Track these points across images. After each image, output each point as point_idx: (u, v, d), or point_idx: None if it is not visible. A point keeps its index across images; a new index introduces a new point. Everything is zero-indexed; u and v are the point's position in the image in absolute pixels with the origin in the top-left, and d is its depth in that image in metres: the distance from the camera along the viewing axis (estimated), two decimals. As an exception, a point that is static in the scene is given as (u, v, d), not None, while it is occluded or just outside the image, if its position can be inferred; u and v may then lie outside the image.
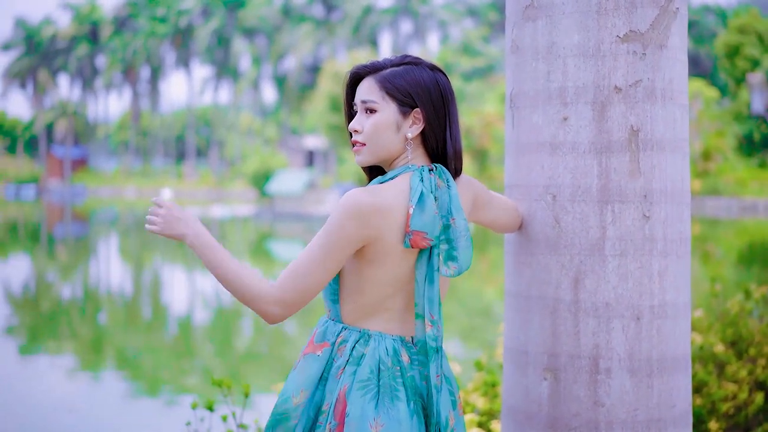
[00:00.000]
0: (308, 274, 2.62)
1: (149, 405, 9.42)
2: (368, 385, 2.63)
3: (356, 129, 2.75)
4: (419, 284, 2.68)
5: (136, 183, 77.76)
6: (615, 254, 3.04)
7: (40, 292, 18.64)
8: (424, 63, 2.77)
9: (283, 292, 2.63)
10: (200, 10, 77.92)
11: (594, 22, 3.03)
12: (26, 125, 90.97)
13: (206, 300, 17.73)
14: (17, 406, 8.97)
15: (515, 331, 3.26)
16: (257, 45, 77.55)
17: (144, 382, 10.49)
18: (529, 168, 3.18)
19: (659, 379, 3.07)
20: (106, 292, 18.76)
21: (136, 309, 16.58)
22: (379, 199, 2.62)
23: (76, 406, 9.04)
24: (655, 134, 3.05)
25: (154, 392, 9.98)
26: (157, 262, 25.43)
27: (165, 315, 15.90)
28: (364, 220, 2.60)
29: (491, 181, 45.18)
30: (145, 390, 10.09)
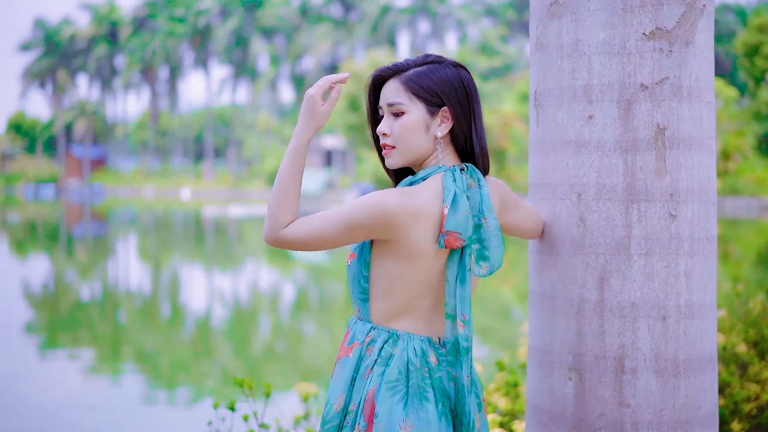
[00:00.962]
0: (320, 238, 2.66)
1: (167, 404, 9.42)
2: (397, 385, 2.62)
3: (385, 132, 2.74)
4: (450, 284, 2.67)
5: (155, 183, 77.94)
6: (641, 253, 3.01)
7: (59, 292, 18.69)
8: (447, 61, 2.76)
9: (303, 236, 2.68)
10: (219, 10, 78.01)
11: (620, 20, 3.00)
12: (45, 125, 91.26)
13: (224, 299, 17.74)
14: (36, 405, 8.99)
15: (540, 331, 3.23)
16: (275, 45, 77.60)
17: (162, 381, 10.49)
18: (553, 167, 3.16)
19: (685, 379, 3.04)
20: (124, 291, 18.79)
21: (155, 308, 16.59)
22: (411, 202, 2.61)
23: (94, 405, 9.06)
24: (682, 132, 3.02)
25: (173, 391, 9.98)
26: (175, 261, 25.46)
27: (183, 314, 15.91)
28: (387, 223, 2.60)
29: (509, 180, 45.10)
30: (163, 389, 10.10)
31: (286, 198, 2.69)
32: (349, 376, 2.71)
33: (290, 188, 2.70)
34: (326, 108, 2.76)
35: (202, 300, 17.71)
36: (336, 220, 2.64)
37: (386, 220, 2.58)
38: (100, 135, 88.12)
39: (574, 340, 3.09)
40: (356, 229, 2.62)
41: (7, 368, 10.75)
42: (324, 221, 2.66)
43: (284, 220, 2.68)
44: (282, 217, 2.68)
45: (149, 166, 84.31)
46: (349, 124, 55.27)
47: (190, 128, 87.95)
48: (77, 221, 44.28)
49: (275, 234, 2.68)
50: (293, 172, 2.72)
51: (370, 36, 72.96)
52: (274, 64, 77.65)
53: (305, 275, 22.39)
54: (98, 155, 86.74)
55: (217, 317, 15.65)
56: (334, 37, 73.93)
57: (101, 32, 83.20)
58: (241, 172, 77.28)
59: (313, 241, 2.67)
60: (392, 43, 74.36)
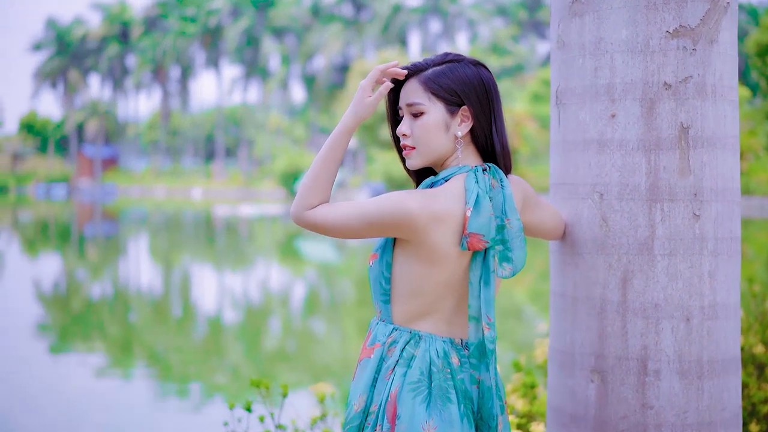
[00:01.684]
0: (339, 218, 2.65)
1: (179, 404, 9.41)
2: (419, 386, 2.60)
3: (405, 133, 2.73)
4: (474, 286, 2.65)
5: (166, 182, 78.05)
6: (664, 254, 2.98)
7: (70, 291, 18.71)
8: (467, 59, 2.74)
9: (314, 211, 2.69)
10: (230, 10, 78.09)
11: (643, 17, 2.97)
12: (57, 125, 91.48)
13: (235, 299, 17.73)
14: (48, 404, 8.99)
15: (561, 332, 3.20)
16: (286, 44, 77.62)
17: (174, 382, 10.48)
18: (575, 166, 3.12)
19: (709, 381, 3.01)
20: (136, 291, 18.81)
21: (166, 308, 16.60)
22: (432, 204, 2.59)
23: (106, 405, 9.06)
24: (706, 131, 2.99)
25: (184, 392, 9.97)
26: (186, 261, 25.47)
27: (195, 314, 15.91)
28: (406, 224, 2.58)
29: (521, 180, 44.91)
30: (175, 389, 10.09)
31: (317, 180, 2.70)
32: (370, 378, 2.69)
33: (323, 171, 2.70)
34: (371, 100, 2.75)
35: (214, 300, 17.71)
36: (358, 214, 2.63)
37: (405, 222, 2.57)
38: (111, 135, 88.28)
39: (596, 342, 3.06)
40: (375, 226, 2.62)
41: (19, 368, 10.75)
42: (348, 212, 2.65)
43: (311, 202, 2.69)
44: (310, 198, 2.69)
45: (160, 165, 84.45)
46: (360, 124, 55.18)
47: (201, 128, 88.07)
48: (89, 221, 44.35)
49: (300, 213, 2.70)
50: (329, 156, 2.72)
51: (381, 36, 72.93)
52: (285, 63, 77.68)
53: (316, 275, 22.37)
54: (110, 155, 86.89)
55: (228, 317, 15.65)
56: (345, 36, 73.93)
57: (113, 32, 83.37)
58: (252, 171, 77.33)
59: (335, 229, 2.67)
60: (403, 43, 74.31)
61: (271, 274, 22.84)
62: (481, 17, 75.92)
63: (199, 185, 74.42)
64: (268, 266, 24.49)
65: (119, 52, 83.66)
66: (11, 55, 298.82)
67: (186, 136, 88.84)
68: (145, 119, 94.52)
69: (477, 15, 75.76)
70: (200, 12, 79.12)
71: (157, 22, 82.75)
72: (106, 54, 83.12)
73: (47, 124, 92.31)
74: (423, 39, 76.30)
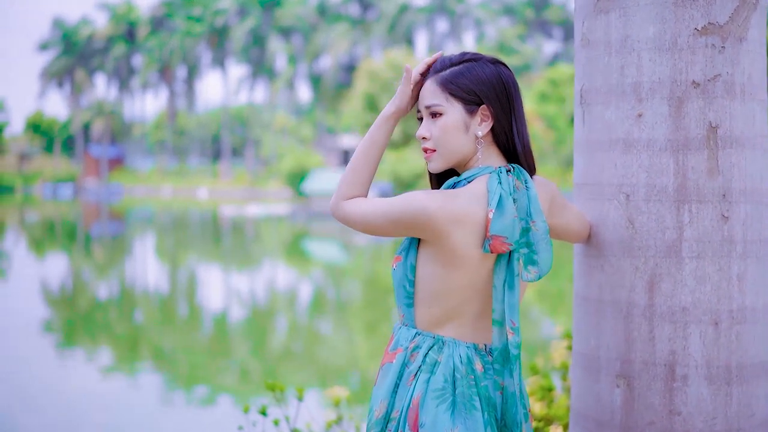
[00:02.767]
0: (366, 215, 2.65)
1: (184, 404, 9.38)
2: (443, 394, 2.54)
3: (424, 135, 2.67)
4: (498, 290, 2.58)
5: (172, 182, 78.08)
6: (692, 256, 2.91)
7: (77, 290, 18.70)
8: (485, 58, 2.67)
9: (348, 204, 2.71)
10: (236, 10, 78.08)
11: (671, 14, 2.90)
12: (63, 125, 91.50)
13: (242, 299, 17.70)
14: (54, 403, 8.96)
15: (586, 336, 3.13)
16: (293, 44, 77.60)
17: (180, 382, 10.45)
18: (601, 166, 3.05)
19: (738, 387, 2.94)
20: (142, 290, 18.78)
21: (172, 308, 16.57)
22: (452, 206, 2.53)
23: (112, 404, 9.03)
24: (734, 131, 2.92)
25: (190, 392, 9.94)
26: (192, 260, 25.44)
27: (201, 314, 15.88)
28: (425, 225, 2.52)
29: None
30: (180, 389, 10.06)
31: (354, 172, 2.71)
32: (392, 383, 2.63)
33: (359, 162, 2.72)
34: (405, 89, 2.73)
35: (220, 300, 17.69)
36: (383, 212, 2.60)
37: (423, 222, 2.51)
38: (117, 134, 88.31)
39: (622, 346, 2.99)
40: (397, 224, 2.57)
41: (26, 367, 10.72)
42: (374, 209, 2.63)
43: (347, 193, 2.71)
44: (345, 189, 2.71)
45: (166, 165, 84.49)
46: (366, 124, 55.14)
47: (208, 128, 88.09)
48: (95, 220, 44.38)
49: (335, 204, 2.72)
50: (367, 146, 2.73)
51: (388, 35, 72.89)
52: (291, 63, 77.66)
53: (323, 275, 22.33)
54: (116, 155, 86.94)
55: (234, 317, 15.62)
56: (352, 36, 73.91)
57: (119, 32, 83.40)
58: (258, 171, 77.34)
59: (361, 224, 2.67)
60: (410, 43, 74.27)
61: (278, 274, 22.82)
62: (487, 17, 75.84)
63: (205, 185, 74.43)
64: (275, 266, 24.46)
65: (125, 51, 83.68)
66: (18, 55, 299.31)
67: (192, 135, 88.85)
68: (152, 119, 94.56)
69: (484, 14, 75.68)
70: (207, 12, 79.13)
71: (164, 22, 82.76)
72: (113, 54, 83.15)
73: (53, 124, 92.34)
74: (430, 38, 76.27)
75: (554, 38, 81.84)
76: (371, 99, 53.87)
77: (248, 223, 40.55)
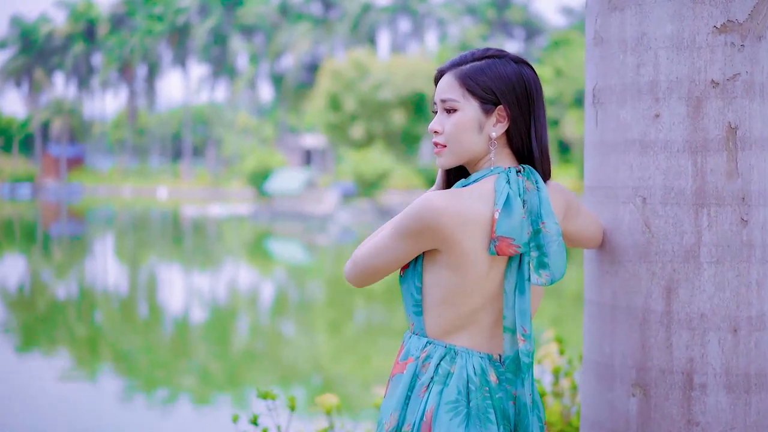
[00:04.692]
0: (378, 257, 2.55)
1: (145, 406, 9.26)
2: (457, 406, 2.43)
3: (436, 130, 2.56)
4: (508, 295, 2.48)
5: (133, 182, 77.47)
6: (711, 261, 2.82)
7: (35, 292, 18.44)
8: (509, 56, 2.56)
9: (357, 260, 2.60)
10: (197, 8, 77.64)
11: (689, 11, 2.81)
12: (22, 124, 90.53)
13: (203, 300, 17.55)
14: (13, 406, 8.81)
15: (599, 343, 3.03)
16: (255, 43, 77.31)
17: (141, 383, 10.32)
18: (615, 168, 2.95)
19: (757, 395, 2.86)
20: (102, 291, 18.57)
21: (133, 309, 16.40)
22: (457, 203, 2.42)
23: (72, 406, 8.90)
24: (754, 132, 2.83)
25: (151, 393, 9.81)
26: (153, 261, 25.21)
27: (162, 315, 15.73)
28: (433, 226, 2.41)
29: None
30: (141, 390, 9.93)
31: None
32: (402, 395, 2.51)
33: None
34: None
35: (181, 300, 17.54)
36: (389, 230, 2.50)
37: (433, 222, 2.40)
38: (77, 134, 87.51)
39: (638, 354, 2.89)
40: (408, 235, 2.45)
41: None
42: (382, 233, 2.55)
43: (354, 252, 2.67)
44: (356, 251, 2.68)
45: (127, 165, 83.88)
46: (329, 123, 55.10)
47: (168, 127, 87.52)
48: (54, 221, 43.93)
49: (346, 268, 2.64)
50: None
51: (350, 35, 72.80)
52: (253, 62, 77.38)
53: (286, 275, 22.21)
54: (75, 154, 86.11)
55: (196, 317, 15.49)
56: (314, 35, 73.74)
57: (78, 30, 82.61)
58: (220, 171, 76.99)
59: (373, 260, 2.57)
60: (372, 42, 74.22)
61: (240, 274, 22.68)
62: (450, 16, 75.92)
63: (166, 185, 73.89)
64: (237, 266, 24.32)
65: (85, 50, 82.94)
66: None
67: (153, 135, 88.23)
68: (112, 118, 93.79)
69: (446, 14, 75.76)
70: (167, 10, 78.61)
71: (124, 20, 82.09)
72: (72, 52, 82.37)
73: (11, 123, 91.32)
74: (392, 38, 76.28)
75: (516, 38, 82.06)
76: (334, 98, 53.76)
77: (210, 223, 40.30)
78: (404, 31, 76.62)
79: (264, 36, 77.02)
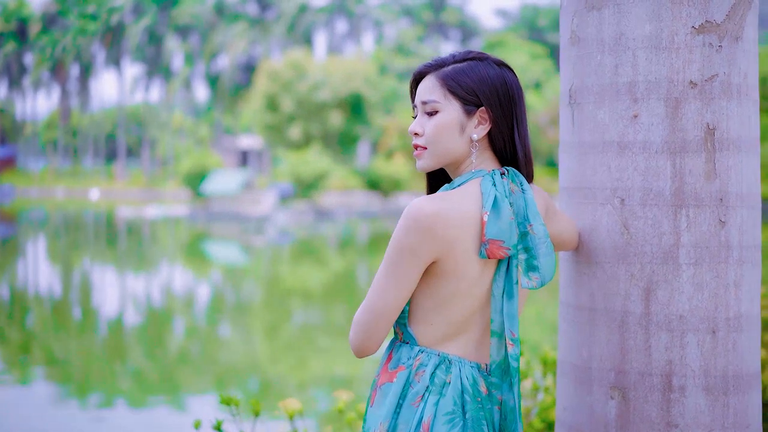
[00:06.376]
0: (380, 299, 2.41)
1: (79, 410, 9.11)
2: (454, 418, 2.39)
3: (416, 132, 2.52)
4: (496, 299, 2.45)
5: (66, 183, 76.38)
6: (690, 263, 2.80)
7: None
8: (491, 58, 2.54)
9: (359, 319, 2.45)
10: (131, 8, 76.83)
11: (668, 11, 2.79)
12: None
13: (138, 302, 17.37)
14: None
15: (576, 346, 3.01)
16: (190, 43, 76.75)
17: (74, 387, 10.17)
18: (593, 169, 2.93)
19: (735, 397, 2.85)
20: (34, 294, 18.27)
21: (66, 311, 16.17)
22: (448, 206, 2.38)
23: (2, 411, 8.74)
24: (731, 133, 2.83)
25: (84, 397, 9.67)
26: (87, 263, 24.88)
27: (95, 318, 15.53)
28: (431, 231, 2.35)
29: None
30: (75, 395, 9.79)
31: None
32: (393, 404, 2.45)
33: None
34: None
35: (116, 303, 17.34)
36: (382, 267, 2.42)
37: (430, 226, 2.35)
38: (8, 134, 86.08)
39: (616, 356, 2.87)
40: (408, 255, 2.38)
41: None
42: (381, 267, 2.44)
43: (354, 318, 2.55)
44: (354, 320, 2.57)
45: (60, 166, 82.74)
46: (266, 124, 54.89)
47: (102, 127, 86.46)
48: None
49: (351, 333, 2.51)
50: None
51: (287, 35, 72.60)
52: (188, 62, 76.80)
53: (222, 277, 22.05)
54: (6, 155, 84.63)
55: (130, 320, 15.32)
56: (250, 36, 73.41)
57: (9, 29, 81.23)
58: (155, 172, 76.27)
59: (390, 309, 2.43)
60: (309, 43, 74.08)
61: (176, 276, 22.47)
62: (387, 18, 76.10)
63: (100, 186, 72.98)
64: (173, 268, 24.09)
65: (16, 49, 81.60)
66: None
67: (86, 135, 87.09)
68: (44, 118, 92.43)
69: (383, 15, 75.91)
70: (101, 9, 77.66)
71: (56, 20, 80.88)
72: (3, 51, 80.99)
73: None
74: (329, 39, 76.21)
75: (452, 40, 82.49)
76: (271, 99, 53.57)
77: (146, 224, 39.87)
78: (341, 32, 76.63)
79: (199, 36, 76.48)
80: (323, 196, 50.21)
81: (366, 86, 54.95)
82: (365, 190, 54.90)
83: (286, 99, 53.40)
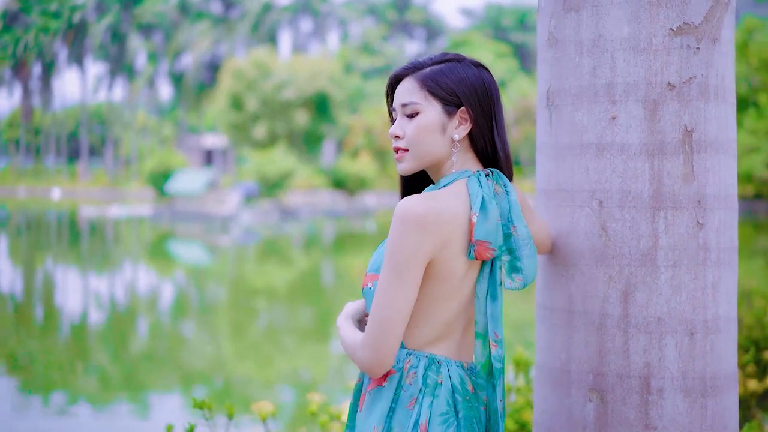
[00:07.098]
0: (390, 308, 2.35)
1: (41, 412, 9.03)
2: (448, 418, 2.39)
3: (397, 134, 2.51)
4: (480, 300, 2.45)
5: (27, 183, 75.67)
6: (668, 265, 2.80)
7: None
8: (468, 60, 2.54)
9: (370, 334, 2.39)
10: (94, 6, 76.21)
11: (646, 13, 2.79)
12: None
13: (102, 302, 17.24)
14: None
15: (554, 348, 3.00)
16: (154, 42, 76.26)
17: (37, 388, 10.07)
18: (571, 171, 2.92)
19: (712, 399, 2.85)
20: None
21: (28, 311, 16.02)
22: (439, 205, 2.37)
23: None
24: (709, 135, 2.83)
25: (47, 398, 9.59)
26: (49, 263, 24.66)
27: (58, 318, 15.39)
28: (427, 229, 2.34)
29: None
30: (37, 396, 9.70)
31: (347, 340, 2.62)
32: (386, 407, 2.43)
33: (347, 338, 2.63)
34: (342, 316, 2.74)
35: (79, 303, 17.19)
36: (384, 277, 2.37)
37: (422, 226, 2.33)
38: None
39: (594, 359, 2.87)
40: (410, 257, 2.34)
41: None
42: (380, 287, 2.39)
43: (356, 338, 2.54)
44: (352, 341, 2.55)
45: (21, 165, 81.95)
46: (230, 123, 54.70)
47: (64, 126, 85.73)
48: (-54, 223, 42.65)
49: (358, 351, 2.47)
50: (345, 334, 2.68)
51: (251, 34, 72.36)
52: (152, 61, 76.32)
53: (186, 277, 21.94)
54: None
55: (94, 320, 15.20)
56: (214, 34, 73.09)
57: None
58: (118, 171, 75.76)
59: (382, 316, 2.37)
60: (273, 42, 73.87)
61: (140, 276, 22.33)
62: (351, 16, 76.11)
63: (62, 185, 72.37)
64: (137, 268, 23.93)
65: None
66: None
67: (48, 134, 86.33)
68: (5, 117, 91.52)
69: (348, 14, 75.90)
70: (63, 7, 76.96)
71: (18, 17, 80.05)
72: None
73: None
74: (294, 38, 76.06)
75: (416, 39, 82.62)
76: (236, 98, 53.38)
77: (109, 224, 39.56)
78: (306, 31, 76.50)
79: (163, 34, 76.03)
80: (288, 195, 50.08)
81: (331, 85, 54.91)
82: (331, 189, 54.87)
83: (251, 98, 53.24)
